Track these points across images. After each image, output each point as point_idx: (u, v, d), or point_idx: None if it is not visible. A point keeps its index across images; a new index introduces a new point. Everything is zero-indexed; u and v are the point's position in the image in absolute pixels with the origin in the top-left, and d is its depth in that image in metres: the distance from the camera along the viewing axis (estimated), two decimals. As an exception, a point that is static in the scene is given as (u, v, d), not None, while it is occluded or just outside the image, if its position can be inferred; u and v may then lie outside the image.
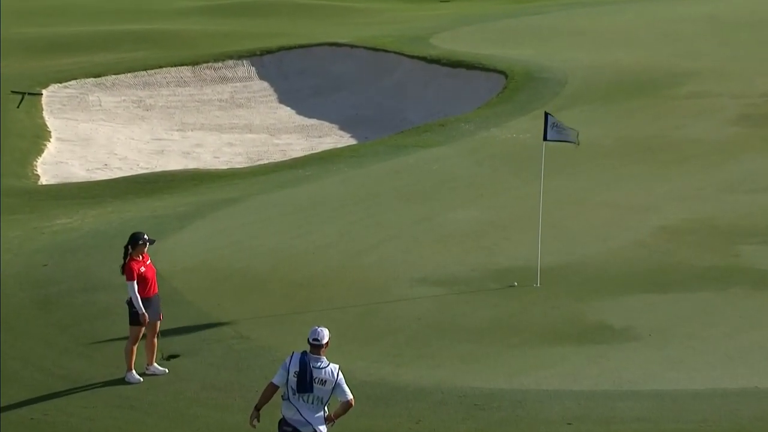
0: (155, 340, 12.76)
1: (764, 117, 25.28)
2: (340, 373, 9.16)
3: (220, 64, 39.70)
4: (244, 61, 39.98)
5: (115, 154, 30.77)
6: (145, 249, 12.67)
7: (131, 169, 28.60)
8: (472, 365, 12.49)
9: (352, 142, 31.11)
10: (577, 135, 15.50)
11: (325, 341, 9.18)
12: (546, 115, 15.66)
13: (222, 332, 13.82)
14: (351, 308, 14.57)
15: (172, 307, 14.22)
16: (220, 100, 38.00)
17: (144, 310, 12.39)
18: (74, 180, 26.87)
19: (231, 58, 39.97)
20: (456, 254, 16.70)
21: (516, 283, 15.06)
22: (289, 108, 37.12)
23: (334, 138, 32.61)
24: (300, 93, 37.98)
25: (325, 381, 9.11)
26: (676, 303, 14.13)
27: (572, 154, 19.77)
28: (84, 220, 20.77)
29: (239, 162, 29.35)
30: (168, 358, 13.13)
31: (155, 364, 12.78)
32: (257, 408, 9.30)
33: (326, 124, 34.65)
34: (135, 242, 12.57)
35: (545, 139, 15.52)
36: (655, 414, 10.91)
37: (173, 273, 15.96)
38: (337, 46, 40.09)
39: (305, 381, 9.09)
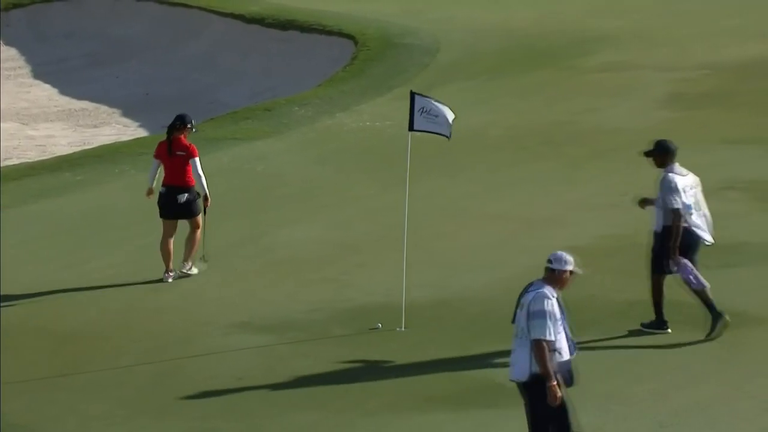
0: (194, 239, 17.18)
1: (702, 96, 26.01)
2: (541, 300, 10.32)
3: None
4: (-18, 18, 39.25)
5: None
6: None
7: None
8: (313, 443, 12.50)
9: (143, 133, 30.85)
10: (451, 122, 15.46)
11: (564, 268, 10.42)
12: (412, 95, 15.76)
13: (-44, 406, 13.52)
14: (142, 367, 14.42)
15: None
16: (-53, 74, 37.17)
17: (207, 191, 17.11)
18: None
19: (-38, 13, 39.17)
20: (290, 288, 16.72)
21: (380, 326, 15.16)
22: (49, 85, 36.58)
23: (115, 128, 32.27)
24: (66, 64, 37.46)
25: (524, 305, 10.46)
26: (591, 352, 14.41)
27: (449, 148, 19.99)
28: None
29: (-23, 162, 28.75)
30: None
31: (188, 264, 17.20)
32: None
33: (104, 108, 34.26)
34: (184, 124, 17.05)
35: (411, 128, 15.66)
36: (563, 503, 11.09)
37: None
38: (119, -3, 39.74)
39: (515, 308, 10.53)
